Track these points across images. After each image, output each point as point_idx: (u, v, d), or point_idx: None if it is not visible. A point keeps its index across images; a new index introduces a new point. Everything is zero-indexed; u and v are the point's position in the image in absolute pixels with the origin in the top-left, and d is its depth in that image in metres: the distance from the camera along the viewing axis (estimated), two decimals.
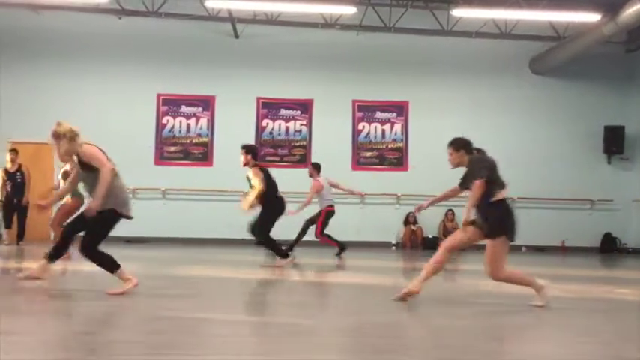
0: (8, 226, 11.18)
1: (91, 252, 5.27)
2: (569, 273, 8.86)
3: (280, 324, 4.30)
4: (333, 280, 7.10)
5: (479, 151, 5.24)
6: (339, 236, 9.94)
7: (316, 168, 10.01)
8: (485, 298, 5.67)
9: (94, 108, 12.83)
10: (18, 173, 11.15)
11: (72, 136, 5.15)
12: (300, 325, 4.24)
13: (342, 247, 9.83)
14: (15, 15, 12.68)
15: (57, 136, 5.15)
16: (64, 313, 4.62)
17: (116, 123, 12.79)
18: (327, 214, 9.85)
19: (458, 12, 11.86)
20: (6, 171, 11.19)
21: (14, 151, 11.33)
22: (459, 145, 5.17)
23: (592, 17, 11.31)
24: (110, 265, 5.28)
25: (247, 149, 7.93)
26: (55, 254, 5.50)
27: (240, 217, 13.95)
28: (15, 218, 11.09)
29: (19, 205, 11.01)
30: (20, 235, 11.06)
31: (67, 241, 5.46)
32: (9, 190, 11.07)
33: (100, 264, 5.32)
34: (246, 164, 7.87)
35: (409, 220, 13.19)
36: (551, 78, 13.68)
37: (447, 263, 5.09)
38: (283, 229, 8.63)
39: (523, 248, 13.20)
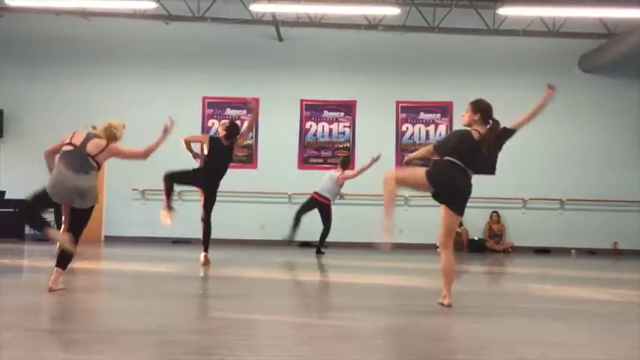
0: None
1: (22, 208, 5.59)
2: (620, 277, 8.61)
3: (327, 326, 4.31)
4: (377, 281, 7.08)
5: (495, 123, 5.11)
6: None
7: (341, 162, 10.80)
8: (534, 303, 5.56)
9: (141, 111, 13.12)
10: None
11: None
12: (347, 327, 4.24)
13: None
14: (68, 22, 13.10)
15: None
16: (113, 311, 4.74)
17: (162, 126, 13.05)
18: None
19: (504, 10, 11.66)
20: None
21: None
22: (478, 108, 5.10)
23: None
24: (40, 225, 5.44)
25: (226, 127, 8.07)
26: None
27: (285, 219, 14.05)
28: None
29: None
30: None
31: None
32: None
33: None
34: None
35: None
36: (602, 76, 13.30)
37: (453, 260, 5.01)
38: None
39: (573, 252, 12.89)
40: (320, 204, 10.26)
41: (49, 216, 6.45)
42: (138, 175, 12.61)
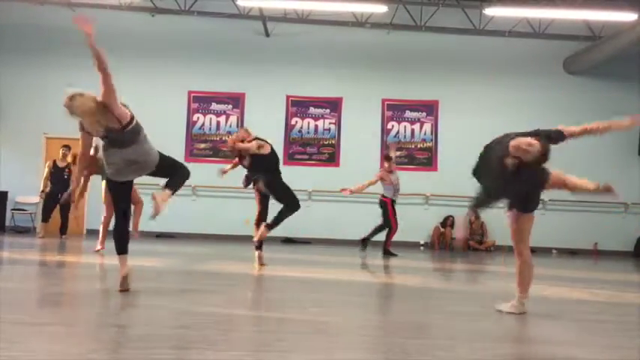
0: (46, 219, 11.15)
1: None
2: (600, 277, 8.70)
3: (307, 321, 4.30)
4: (359, 278, 7.10)
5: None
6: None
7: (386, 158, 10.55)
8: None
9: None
10: (66, 170, 11.18)
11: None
12: (327, 323, 4.24)
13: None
14: (51, 12, 12.96)
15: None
16: (95, 305, 4.70)
17: (147, 120, 12.82)
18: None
19: (490, 10, 11.73)
20: (55, 164, 11.24)
21: (67, 147, 11.29)
22: None
23: (628, 17, 11.08)
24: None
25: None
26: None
27: (269, 215, 13.98)
28: (57, 213, 11.10)
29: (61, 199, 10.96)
30: (63, 229, 11.16)
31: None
32: (54, 183, 11.08)
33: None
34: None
35: (447, 223, 12.97)
36: (586, 78, 13.44)
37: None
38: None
39: (554, 251, 13.02)
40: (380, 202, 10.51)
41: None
42: None
